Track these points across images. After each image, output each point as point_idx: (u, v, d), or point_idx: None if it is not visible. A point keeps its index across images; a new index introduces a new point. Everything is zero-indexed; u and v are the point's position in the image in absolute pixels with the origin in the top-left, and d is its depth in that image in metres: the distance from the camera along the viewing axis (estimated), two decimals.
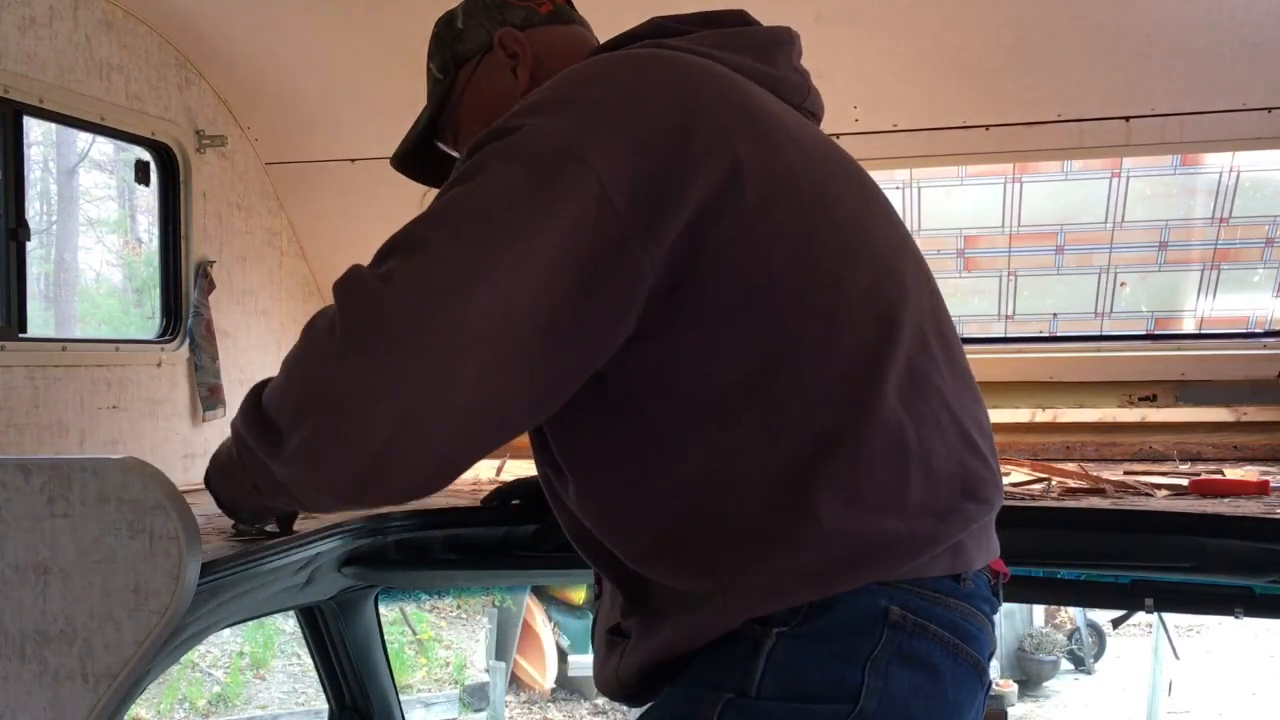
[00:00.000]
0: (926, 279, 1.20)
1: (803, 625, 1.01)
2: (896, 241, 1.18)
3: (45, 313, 9.31)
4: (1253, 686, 8.96)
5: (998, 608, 1.16)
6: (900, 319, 1.08)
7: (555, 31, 1.39)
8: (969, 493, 1.08)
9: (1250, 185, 2.54)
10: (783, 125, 1.12)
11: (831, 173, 1.15)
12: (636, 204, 0.99)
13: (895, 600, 1.02)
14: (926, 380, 1.09)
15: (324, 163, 2.73)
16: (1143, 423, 2.70)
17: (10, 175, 2.05)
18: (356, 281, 0.98)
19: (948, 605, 1.05)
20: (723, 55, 1.17)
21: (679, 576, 1.08)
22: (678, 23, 1.23)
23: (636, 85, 1.07)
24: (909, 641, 1.01)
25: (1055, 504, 1.92)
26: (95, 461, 1.21)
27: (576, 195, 0.97)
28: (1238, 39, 2.16)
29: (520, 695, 8.34)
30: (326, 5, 2.35)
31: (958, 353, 1.18)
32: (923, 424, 1.06)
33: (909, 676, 1.01)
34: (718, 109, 1.07)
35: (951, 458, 1.08)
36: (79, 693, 1.21)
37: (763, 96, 1.15)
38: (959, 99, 2.37)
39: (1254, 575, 1.70)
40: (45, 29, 2.10)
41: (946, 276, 2.80)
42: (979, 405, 1.18)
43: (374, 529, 1.88)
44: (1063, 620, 9.96)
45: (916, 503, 1.03)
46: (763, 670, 1.00)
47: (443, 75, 1.42)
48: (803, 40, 1.32)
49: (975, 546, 1.10)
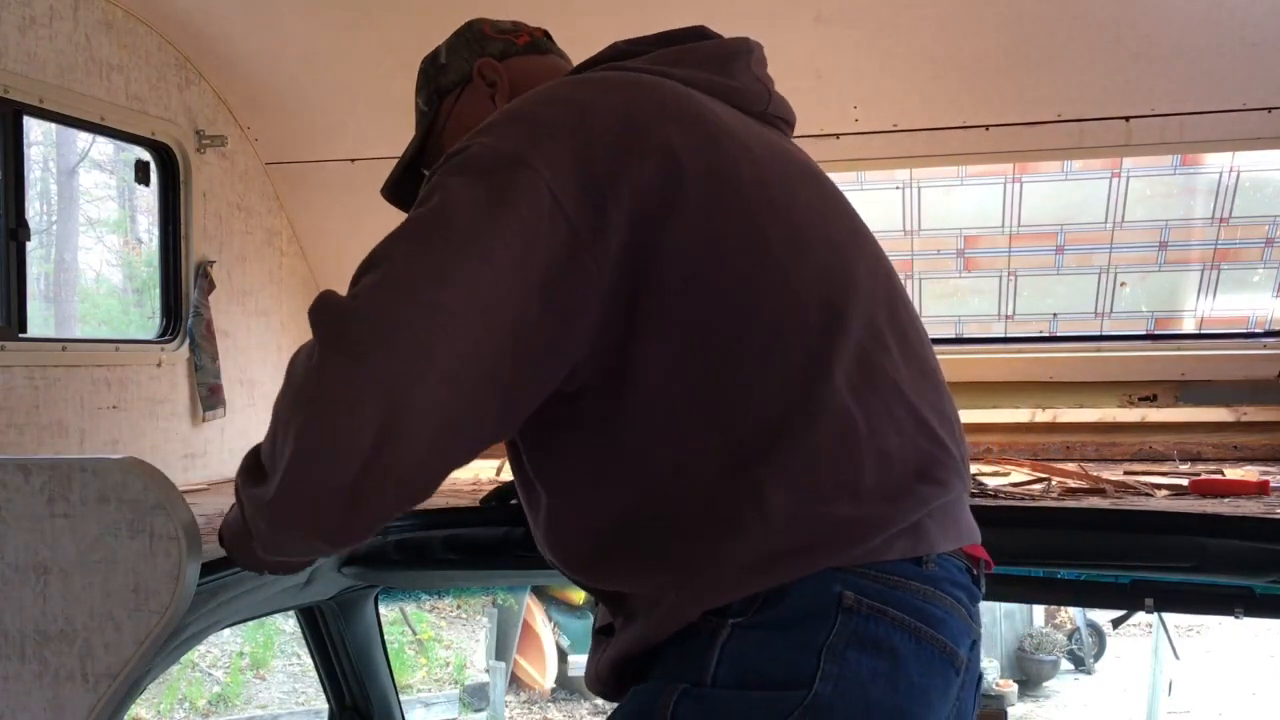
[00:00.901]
0: (885, 273, 1.23)
1: (757, 615, 1.02)
2: (849, 238, 1.21)
3: (45, 313, 9.31)
4: (1253, 686, 8.97)
5: (977, 595, 1.16)
6: (847, 310, 1.11)
7: (531, 61, 1.46)
8: (922, 474, 1.10)
9: (1250, 185, 2.54)
10: (729, 131, 1.16)
11: (781, 174, 1.18)
12: (582, 209, 1.03)
13: (849, 585, 1.03)
14: (878, 370, 1.11)
15: (324, 163, 2.73)
16: (1143, 423, 2.70)
17: (10, 175, 2.05)
18: (325, 303, 1.02)
19: (908, 589, 1.05)
20: (676, 71, 1.22)
21: (640, 577, 1.11)
22: (635, 44, 1.30)
23: (583, 101, 1.12)
24: (864, 625, 1.02)
25: (1055, 504, 1.92)
26: (95, 461, 1.21)
27: (528, 201, 1.02)
28: (1238, 39, 2.16)
29: (520, 695, 8.34)
30: (326, 5, 2.35)
31: (916, 343, 1.20)
32: (873, 412, 1.08)
33: (867, 661, 1.01)
34: (660, 119, 1.11)
35: (906, 444, 1.10)
36: (79, 693, 1.21)
37: (712, 106, 1.19)
38: (959, 99, 2.37)
39: (1254, 575, 1.70)
40: (45, 29, 2.10)
41: (946, 276, 2.80)
42: (939, 393, 1.20)
43: None
44: (1063, 620, 9.96)
45: (868, 489, 1.05)
46: (717, 660, 1.02)
47: (428, 107, 1.50)
48: (803, 40, 1.33)
49: (937, 530, 1.10)
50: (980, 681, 1.18)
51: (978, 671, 1.16)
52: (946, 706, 1.08)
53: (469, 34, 1.49)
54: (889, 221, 2.71)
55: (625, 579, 1.14)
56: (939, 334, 2.85)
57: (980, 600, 1.18)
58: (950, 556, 1.12)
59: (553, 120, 1.09)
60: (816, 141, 2.44)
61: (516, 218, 1.01)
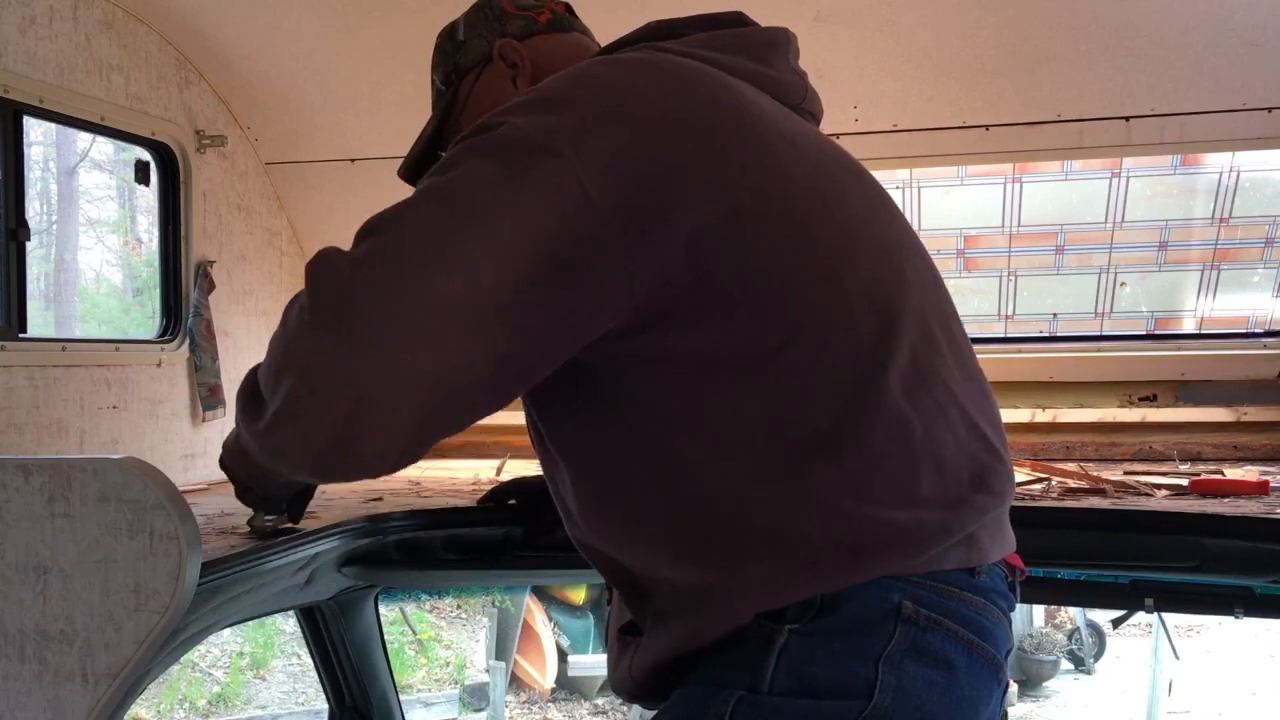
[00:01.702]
0: (932, 275, 1.20)
1: (815, 622, 1.00)
2: (898, 237, 1.18)
3: (45, 313, 9.30)
4: (1253, 686, 8.96)
5: (1014, 604, 1.15)
6: (901, 313, 1.08)
7: (554, 40, 1.39)
8: (979, 484, 1.08)
9: (1250, 185, 2.54)
10: (777, 126, 1.12)
11: (829, 172, 1.14)
12: (619, 204, 0.98)
13: (908, 594, 1.01)
14: (932, 374, 1.08)
15: (324, 163, 2.73)
16: (1143, 423, 2.70)
17: (10, 175, 2.05)
18: (324, 262, 0.99)
19: (962, 600, 1.04)
20: (717, 57, 1.17)
21: (681, 569, 1.08)
22: (674, 25, 1.23)
23: (623, 87, 1.07)
24: (923, 636, 1.00)
25: (1055, 504, 1.92)
26: (95, 461, 1.21)
27: (549, 188, 0.98)
28: (1238, 39, 2.16)
29: (520, 695, 8.34)
30: (326, 5, 2.35)
31: (965, 348, 1.18)
32: (929, 417, 1.05)
33: (924, 672, 1.00)
34: (708, 112, 1.07)
35: (960, 450, 1.08)
36: (79, 693, 1.21)
37: (757, 98, 1.15)
38: (959, 99, 2.37)
39: (1254, 575, 1.70)
40: (45, 29, 2.10)
41: (946, 276, 2.76)
42: (987, 399, 1.18)
43: (374, 529, 1.89)
44: (1063, 620, 9.95)
45: (925, 495, 1.03)
46: (774, 667, 0.99)
47: (445, 87, 1.44)
48: (803, 40, 1.32)
49: (989, 540, 1.09)
50: (1007, 689, 1.17)
51: (1007, 679, 1.16)
52: (990, 716, 1.08)
53: (488, 9, 1.42)
54: None
55: (671, 568, 1.09)
56: None
57: (1015, 608, 1.16)
58: (995, 566, 1.11)
59: (590, 105, 1.03)
60: None
61: (533, 204, 0.97)
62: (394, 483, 2.34)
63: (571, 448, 1.15)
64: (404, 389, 0.94)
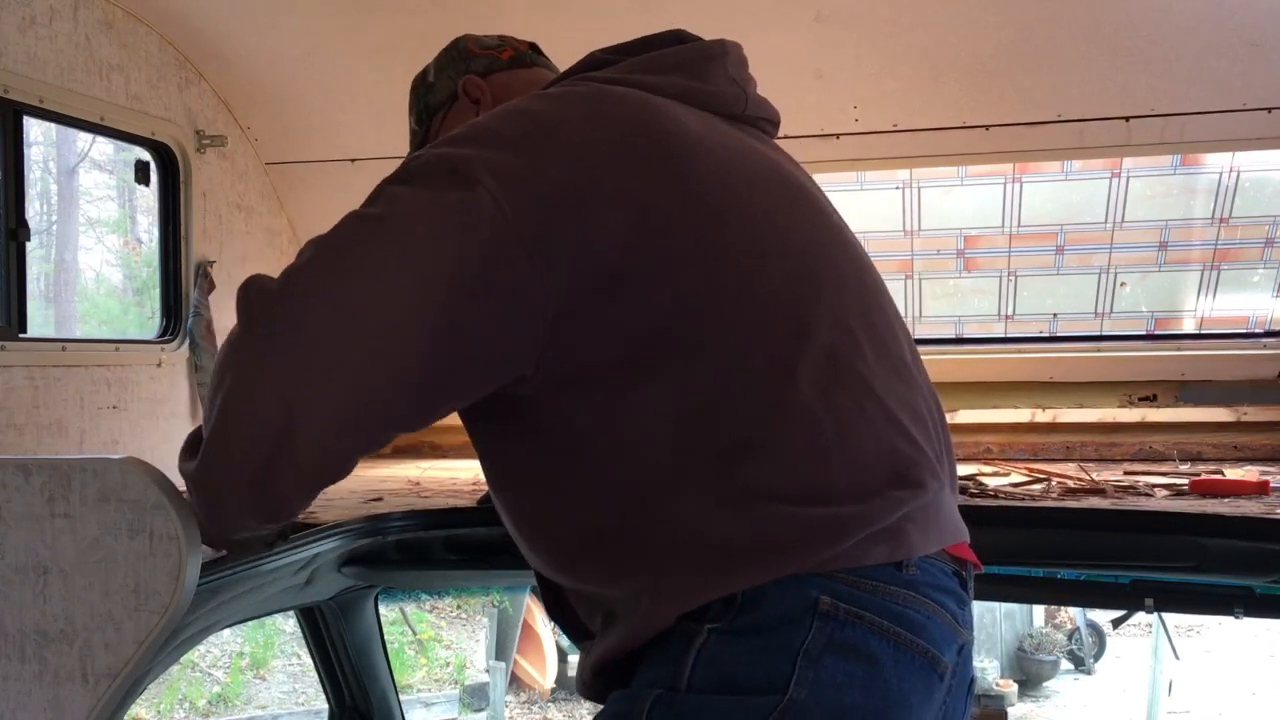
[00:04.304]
0: (859, 273, 1.22)
1: (735, 620, 1.02)
2: (821, 240, 1.20)
3: (45, 313, 9.31)
4: (1253, 686, 8.97)
5: (966, 599, 1.15)
6: (814, 311, 1.11)
7: (516, 75, 1.47)
8: (898, 477, 1.09)
9: (1250, 185, 2.54)
10: (695, 138, 1.16)
11: (748, 178, 1.18)
12: (531, 228, 1.04)
13: (826, 590, 1.02)
14: (851, 371, 1.11)
15: (324, 163, 2.73)
16: (1143, 423, 2.70)
17: (10, 175, 2.05)
18: (252, 286, 1.10)
19: (887, 594, 1.05)
20: (646, 79, 1.22)
21: (606, 582, 1.12)
22: (609, 53, 1.29)
23: (545, 118, 1.13)
24: (842, 631, 1.01)
25: (1055, 504, 1.92)
26: (95, 461, 1.21)
27: (465, 213, 1.04)
28: (1238, 39, 2.16)
29: (520, 695, 8.34)
30: (326, 5, 2.35)
31: (892, 342, 1.20)
32: (843, 414, 1.08)
33: (843, 666, 1.01)
34: (623, 135, 1.12)
35: (879, 444, 1.09)
36: (79, 693, 1.21)
37: (682, 114, 1.18)
38: (959, 99, 2.37)
39: (1254, 575, 1.70)
40: (45, 29, 2.10)
41: (946, 276, 2.80)
42: (915, 392, 1.19)
43: (374, 529, 1.89)
44: (1063, 620, 9.96)
45: (839, 491, 1.05)
46: (693, 665, 1.02)
47: (418, 126, 1.53)
48: (803, 40, 1.33)
49: (917, 533, 1.09)
50: (972, 686, 1.17)
51: (969, 676, 1.15)
52: (930, 712, 1.07)
53: (454, 51, 1.50)
54: (889, 222, 2.71)
55: (604, 584, 1.14)
56: (939, 334, 2.85)
57: (970, 604, 1.17)
58: (934, 560, 1.11)
59: (510, 134, 1.10)
60: (816, 141, 2.45)
61: (449, 225, 1.04)
62: (394, 483, 2.34)
63: (504, 471, 1.21)
64: (328, 401, 1.04)
